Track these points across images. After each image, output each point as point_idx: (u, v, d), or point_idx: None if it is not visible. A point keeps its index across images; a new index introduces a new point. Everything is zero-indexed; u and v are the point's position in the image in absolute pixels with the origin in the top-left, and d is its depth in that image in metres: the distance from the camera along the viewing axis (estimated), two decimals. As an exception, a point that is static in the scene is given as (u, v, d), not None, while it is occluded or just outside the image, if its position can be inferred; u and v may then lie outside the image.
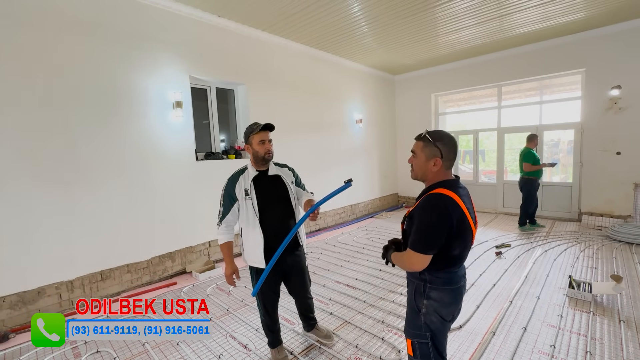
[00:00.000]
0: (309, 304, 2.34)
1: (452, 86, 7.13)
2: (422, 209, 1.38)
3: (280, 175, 2.09)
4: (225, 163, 4.46)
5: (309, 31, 4.79)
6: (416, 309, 1.47)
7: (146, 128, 3.63)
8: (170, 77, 3.81)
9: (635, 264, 3.74)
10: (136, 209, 3.57)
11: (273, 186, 2.05)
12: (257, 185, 2.01)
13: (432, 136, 1.42)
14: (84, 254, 3.22)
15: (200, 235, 4.18)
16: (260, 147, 1.98)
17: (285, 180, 2.09)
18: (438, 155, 1.41)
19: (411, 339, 1.50)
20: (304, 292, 2.28)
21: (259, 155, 1.99)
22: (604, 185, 5.50)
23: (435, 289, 1.43)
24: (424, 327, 1.46)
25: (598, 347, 2.27)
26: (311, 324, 2.41)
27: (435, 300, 1.43)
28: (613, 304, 2.85)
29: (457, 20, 4.64)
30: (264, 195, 2.00)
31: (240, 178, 2.03)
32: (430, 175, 1.45)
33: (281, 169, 2.15)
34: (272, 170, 2.08)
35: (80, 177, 3.17)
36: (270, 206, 2.00)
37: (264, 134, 1.98)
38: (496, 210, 6.88)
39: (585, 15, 4.70)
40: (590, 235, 4.96)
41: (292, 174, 2.17)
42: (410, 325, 1.52)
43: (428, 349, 1.47)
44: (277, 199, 2.03)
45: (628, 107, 5.15)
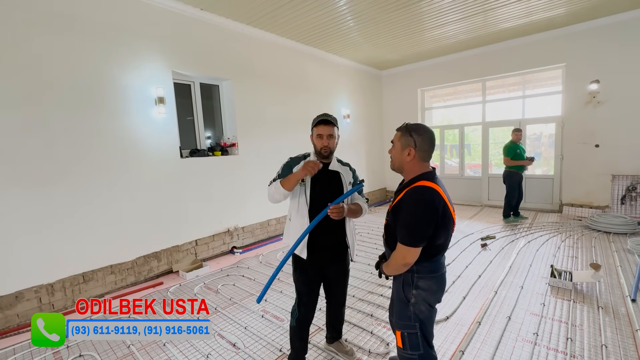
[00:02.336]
0: (342, 312, 2.20)
1: (438, 81, 7.20)
2: (407, 203, 1.39)
3: (340, 172, 2.00)
4: (211, 160, 4.38)
5: (294, 25, 4.73)
6: (405, 300, 1.49)
7: (128, 125, 3.52)
8: (151, 72, 3.70)
9: (612, 252, 3.89)
10: (119, 208, 3.47)
11: (330, 181, 1.97)
12: (315, 175, 1.90)
13: (409, 127, 1.46)
14: (64, 255, 3.11)
15: (186, 234, 4.11)
16: (318, 141, 1.92)
17: (343, 179, 2.00)
18: (412, 145, 1.43)
19: (400, 331, 1.52)
20: (342, 295, 2.15)
21: (316, 149, 1.95)
22: (583, 177, 5.68)
23: (423, 278, 1.47)
24: (413, 317, 1.49)
25: (578, 333, 2.35)
26: (336, 336, 2.26)
27: (423, 290, 1.47)
28: (592, 291, 2.96)
29: (442, 15, 4.66)
30: (318, 188, 1.93)
31: (301, 162, 1.95)
32: (406, 165, 1.48)
33: (343, 167, 2.05)
34: (334, 166, 1.99)
35: (59, 176, 3.05)
36: (322, 200, 1.86)
37: (322, 128, 1.91)
38: (481, 203, 7.02)
39: (566, 11, 4.80)
40: (570, 225, 5.12)
41: (352, 175, 2.06)
42: (399, 317, 1.53)
43: (417, 338, 1.50)
44: (331, 195, 1.91)
45: (606, 101, 5.31)
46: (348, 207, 1.87)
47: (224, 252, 4.59)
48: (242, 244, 4.81)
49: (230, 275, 3.76)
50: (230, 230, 4.60)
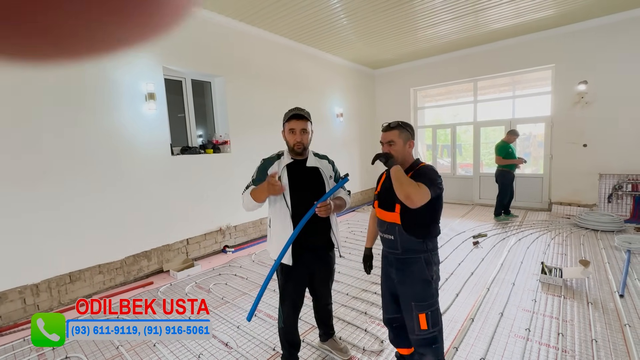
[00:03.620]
0: (329, 309, 2.16)
1: (430, 81, 7.25)
2: (427, 171, 1.59)
3: (319, 168, 1.90)
4: (203, 158, 4.32)
5: (288, 22, 4.70)
6: (429, 278, 1.60)
7: (117, 121, 3.44)
8: (142, 67, 3.62)
9: (600, 249, 3.96)
10: (107, 206, 3.39)
11: (309, 179, 1.86)
12: (292, 175, 1.83)
13: (401, 123, 1.67)
14: (50, 255, 3.02)
15: (177, 233, 4.04)
16: (290, 137, 1.82)
17: (323, 174, 1.90)
18: (411, 137, 1.67)
19: (425, 312, 1.58)
20: (327, 295, 2.10)
21: (289, 145, 1.85)
22: (571, 176, 5.79)
23: (436, 253, 1.65)
24: (435, 293, 1.62)
25: (569, 328, 2.38)
26: (330, 333, 2.21)
27: (438, 264, 1.66)
28: (582, 287, 3.00)
29: (435, 15, 4.69)
30: (297, 188, 1.82)
31: (275, 163, 1.86)
32: (407, 156, 1.67)
33: (321, 160, 1.95)
34: (311, 162, 1.89)
35: (44, 174, 2.95)
36: (305, 201, 1.78)
37: (295, 123, 1.80)
38: (473, 202, 7.10)
39: (555, 13, 4.88)
40: (559, 223, 5.20)
41: (331, 168, 1.97)
42: (422, 299, 1.59)
43: (438, 314, 1.62)
44: (313, 193, 1.82)
45: (594, 102, 5.42)
46: (334, 202, 1.82)
47: (216, 251, 4.53)
48: (235, 242, 4.76)
49: (222, 275, 3.71)
50: (222, 229, 4.54)
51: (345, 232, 5.33)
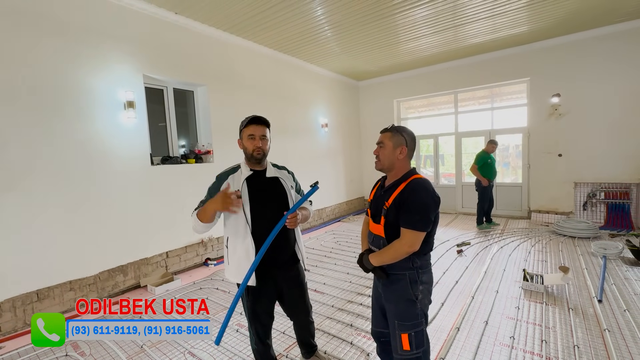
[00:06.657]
0: (309, 327, 2.03)
1: (413, 92, 7.42)
2: (416, 191, 1.44)
3: (280, 177, 1.83)
4: (185, 168, 4.21)
5: (272, 33, 4.72)
6: (413, 298, 1.49)
7: (92, 129, 3.31)
8: (121, 75, 3.53)
9: (578, 255, 4.07)
10: (80, 218, 3.22)
11: (270, 191, 1.77)
12: (251, 187, 1.72)
13: (398, 127, 1.57)
14: (14, 271, 2.82)
15: (156, 245, 3.88)
16: (249, 143, 1.71)
17: (284, 184, 1.82)
18: (404, 144, 1.53)
19: (408, 332, 1.49)
20: (304, 312, 1.96)
21: (247, 152, 1.73)
22: (549, 185, 5.99)
23: (425, 272, 1.53)
24: (420, 314, 1.51)
25: (552, 335, 2.40)
26: (312, 350, 2.10)
27: (427, 283, 1.53)
28: (562, 293, 3.06)
29: (416, 29, 4.83)
30: (258, 201, 1.72)
31: (229, 178, 1.74)
32: (397, 163, 1.54)
33: (280, 171, 1.88)
34: (270, 172, 1.81)
35: (10, 184, 2.79)
36: (266, 214, 1.69)
37: (254, 128, 1.71)
38: (456, 211, 7.21)
39: (529, 29, 5.13)
40: (539, 231, 5.34)
41: (292, 178, 1.91)
42: (405, 319, 1.50)
43: (422, 335, 1.51)
44: (275, 206, 1.74)
45: (567, 113, 5.67)
46: (301, 213, 1.76)
47: (197, 264, 4.37)
48: (217, 255, 4.62)
49: (203, 289, 3.57)
50: (204, 241, 4.40)
51: (331, 243, 5.27)
